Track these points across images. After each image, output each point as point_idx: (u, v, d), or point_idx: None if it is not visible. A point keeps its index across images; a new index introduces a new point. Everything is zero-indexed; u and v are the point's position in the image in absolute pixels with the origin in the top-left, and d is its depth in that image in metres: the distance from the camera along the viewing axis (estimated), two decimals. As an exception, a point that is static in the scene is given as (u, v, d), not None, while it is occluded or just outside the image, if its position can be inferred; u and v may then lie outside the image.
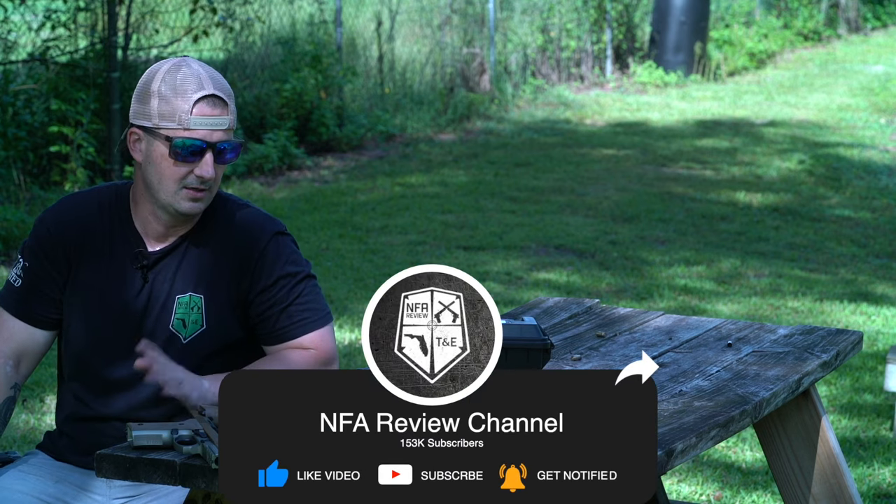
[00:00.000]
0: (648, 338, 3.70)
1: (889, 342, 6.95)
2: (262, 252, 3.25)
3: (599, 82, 16.73)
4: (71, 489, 3.25)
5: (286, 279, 3.25)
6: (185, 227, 3.26)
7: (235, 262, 3.25)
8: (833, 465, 3.72)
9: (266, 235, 3.26)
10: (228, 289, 3.25)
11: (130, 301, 3.24)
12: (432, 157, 12.13)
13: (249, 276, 3.25)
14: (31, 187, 9.48)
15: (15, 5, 10.12)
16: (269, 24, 12.73)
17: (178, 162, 3.17)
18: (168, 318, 3.23)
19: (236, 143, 3.20)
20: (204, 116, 3.16)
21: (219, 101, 3.17)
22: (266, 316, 3.25)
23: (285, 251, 3.27)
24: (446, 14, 14.71)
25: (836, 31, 21.91)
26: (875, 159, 12.38)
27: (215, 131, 3.16)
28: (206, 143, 3.15)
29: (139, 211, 3.27)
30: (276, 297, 3.24)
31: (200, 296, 3.24)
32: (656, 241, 9.12)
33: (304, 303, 3.26)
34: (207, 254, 3.26)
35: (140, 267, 3.24)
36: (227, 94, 3.19)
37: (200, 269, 3.25)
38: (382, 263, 8.32)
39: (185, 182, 3.17)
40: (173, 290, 3.24)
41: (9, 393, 3.24)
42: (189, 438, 2.79)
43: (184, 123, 3.16)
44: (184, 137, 3.16)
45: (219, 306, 3.24)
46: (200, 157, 3.16)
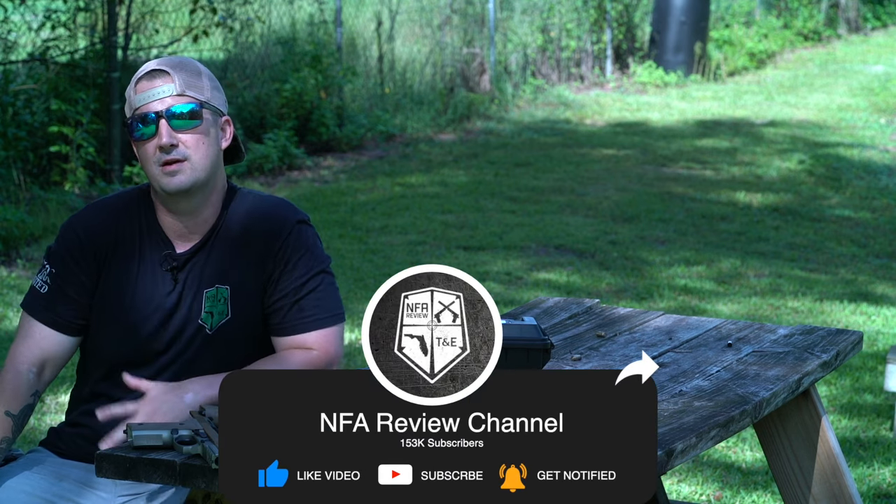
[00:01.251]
0: (648, 338, 3.70)
1: (889, 342, 6.95)
2: (285, 239, 3.27)
3: (599, 82, 16.73)
4: (75, 486, 3.25)
5: (301, 269, 3.27)
6: (201, 224, 3.27)
7: (260, 249, 3.27)
8: (833, 465, 3.72)
9: (290, 223, 3.28)
10: (255, 277, 3.27)
11: (161, 302, 3.25)
12: (432, 157, 12.13)
13: (272, 262, 3.26)
14: (31, 187, 9.48)
15: (15, 5, 10.12)
16: (269, 24, 12.73)
17: (139, 141, 3.21)
18: (197, 314, 3.25)
19: (191, 103, 3.20)
20: (144, 91, 3.20)
21: (159, 73, 3.21)
22: (278, 307, 3.26)
23: (307, 241, 3.29)
24: (446, 14, 14.71)
25: (836, 31, 21.91)
26: (875, 159, 12.38)
27: (161, 100, 3.19)
28: (152, 112, 3.18)
29: (160, 212, 3.29)
30: (290, 288, 3.26)
31: (227, 287, 3.26)
32: (656, 241, 9.12)
33: (318, 299, 3.27)
34: (233, 246, 3.28)
35: (170, 269, 3.26)
36: (174, 65, 3.22)
37: (227, 261, 3.27)
38: (382, 263, 8.32)
39: (156, 159, 3.20)
40: (201, 286, 3.26)
41: (29, 400, 3.25)
42: (189, 438, 2.79)
43: (133, 105, 3.22)
44: (134, 116, 3.21)
45: (245, 296, 3.26)
46: (157, 129, 3.19)
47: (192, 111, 3.20)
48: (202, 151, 3.21)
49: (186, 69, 3.23)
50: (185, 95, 3.20)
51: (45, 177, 9.83)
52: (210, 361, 3.23)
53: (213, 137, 3.25)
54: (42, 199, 9.28)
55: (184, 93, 3.20)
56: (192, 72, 3.23)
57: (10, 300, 7.36)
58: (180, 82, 3.20)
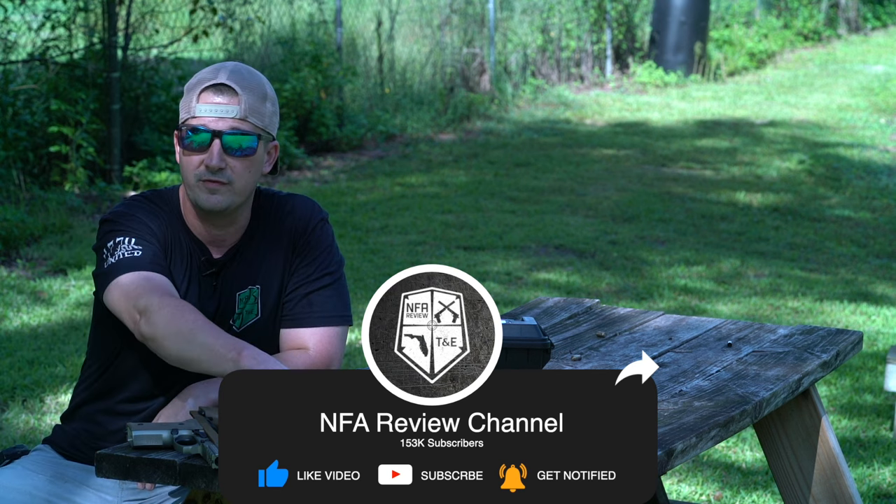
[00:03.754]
0: (648, 338, 3.70)
1: (889, 342, 6.95)
2: (308, 236, 3.28)
3: (599, 82, 16.73)
4: (78, 487, 3.24)
5: (320, 265, 3.28)
6: (234, 232, 3.25)
7: (288, 248, 3.28)
8: (833, 465, 3.72)
9: (315, 221, 3.30)
10: (283, 275, 3.28)
11: (204, 307, 3.21)
12: (432, 157, 12.13)
13: (296, 257, 3.28)
14: (31, 187, 9.48)
15: (15, 5, 10.12)
16: (269, 24, 12.73)
17: (187, 151, 3.15)
18: (229, 316, 3.25)
19: (249, 132, 3.14)
20: (208, 104, 3.13)
21: (227, 89, 3.13)
22: (290, 297, 3.28)
23: (326, 240, 3.31)
24: (446, 14, 14.71)
25: (836, 31, 21.91)
26: (875, 159, 12.38)
27: (222, 119, 3.13)
28: (209, 129, 3.13)
29: (188, 215, 3.25)
30: (305, 279, 3.27)
31: (258, 286, 3.26)
32: (656, 241, 9.12)
33: (328, 296, 3.28)
34: (264, 247, 3.28)
35: (208, 275, 3.25)
36: (243, 85, 3.14)
37: (258, 262, 3.28)
38: (382, 263, 8.31)
39: (199, 173, 3.15)
40: (234, 289, 3.26)
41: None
42: (189, 438, 2.79)
43: (191, 111, 3.15)
44: (189, 125, 3.15)
45: (275, 294, 3.27)
46: (209, 146, 3.14)
47: (249, 141, 3.14)
48: (245, 178, 3.17)
49: (254, 92, 3.15)
50: (247, 122, 3.14)
51: (44, 177, 9.83)
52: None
53: (260, 163, 3.20)
54: (42, 199, 9.28)
55: (246, 118, 3.14)
56: (259, 95, 3.16)
57: (10, 300, 7.36)
58: (246, 107, 3.13)
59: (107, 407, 3.28)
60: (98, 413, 3.30)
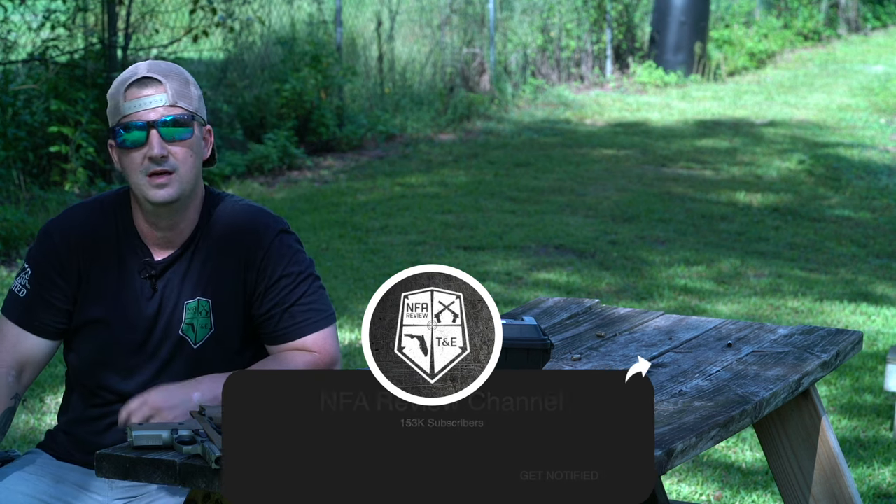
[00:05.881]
0: (648, 338, 3.70)
1: (889, 342, 6.95)
2: (266, 251, 3.24)
3: (599, 82, 16.73)
4: (72, 489, 3.25)
5: (289, 278, 3.24)
6: (179, 233, 3.25)
7: (241, 261, 3.24)
8: (833, 465, 3.71)
9: (271, 233, 3.25)
10: (235, 290, 3.24)
11: (141, 310, 3.22)
12: (432, 157, 12.13)
13: (255, 275, 3.24)
14: (30, 187, 9.49)
15: (15, 5, 10.12)
16: (269, 24, 12.73)
17: (126, 150, 3.16)
18: (178, 325, 3.22)
19: (183, 114, 3.16)
20: (136, 99, 3.15)
21: (151, 81, 3.16)
22: (269, 316, 3.24)
23: (289, 250, 3.26)
24: (446, 14, 14.71)
25: (836, 31, 21.91)
26: (875, 159, 12.38)
27: (153, 110, 3.14)
28: (143, 121, 3.14)
29: (137, 218, 3.26)
30: (279, 297, 3.23)
31: (208, 300, 3.23)
32: (656, 241, 9.12)
33: (308, 303, 3.25)
34: (213, 257, 3.25)
35: (148, 277, 3.23)
36: (165, 73, 3.17)
37: (207, 272, 3.24)
38: (382, 263, 8.31)
39: (144, 168, 3.15)
40: (181, 296, 3.23)
41: (9, 403, 3.21)
42: (189, 438, 2.79)
43: (121, 112, 3.17)
44: (122, 123, 3.16)
45: (227, 308, 3.24)
46: (148, 138, 3.14)
47: (184, 123, 3.16)
48: (190, 163, 3.18)
49: (177, 78, 3.19)
50: (177, 106, 3.16)
51: (44, 177, 9.83)
52: (196, 375, 3.21)
53: (199, 148, 3.21)
54: (42, 199, 9.29)
55: (175, 103, 3.16)
56: (182, 81, 3.19)
57: (10, 300, 7.36)
58: (172, 92, 3.16)
59: (76, 417, 3.33)
60: (72, 424, 3.34)
